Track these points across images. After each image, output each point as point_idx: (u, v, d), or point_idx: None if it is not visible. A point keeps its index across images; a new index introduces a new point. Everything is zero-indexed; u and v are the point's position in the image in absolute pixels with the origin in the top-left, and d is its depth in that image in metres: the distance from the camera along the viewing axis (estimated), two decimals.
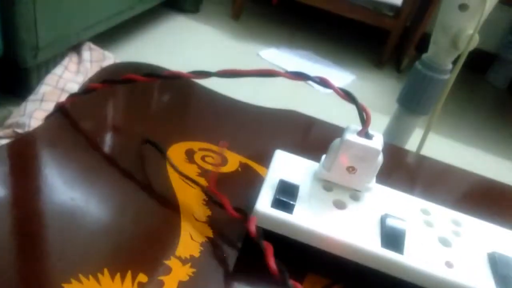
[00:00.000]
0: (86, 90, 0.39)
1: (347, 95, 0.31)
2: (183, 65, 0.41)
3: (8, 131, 1.09)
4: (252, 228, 0.29)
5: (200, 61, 1.63)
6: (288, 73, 0.31)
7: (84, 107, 0.41)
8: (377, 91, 1.81)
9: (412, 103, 0.85)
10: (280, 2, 2.03)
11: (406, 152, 0.53)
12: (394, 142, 0.88)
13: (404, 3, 1.77)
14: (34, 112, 1.10)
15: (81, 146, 0.37)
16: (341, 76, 1.83)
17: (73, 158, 0.36)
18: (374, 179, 0.34)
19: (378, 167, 0.33)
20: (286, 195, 0.32)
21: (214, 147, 0.40)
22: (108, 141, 0.39)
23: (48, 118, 0.39)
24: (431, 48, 0.81)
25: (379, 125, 1.06)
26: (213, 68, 0.35)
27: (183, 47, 1.73)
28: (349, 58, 1.99)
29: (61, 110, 0.40)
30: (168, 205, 0.33)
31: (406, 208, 0.34)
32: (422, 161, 0.51)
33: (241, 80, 0.39)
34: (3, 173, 0.33)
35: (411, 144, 0.89)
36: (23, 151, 0.36)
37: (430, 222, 0.33)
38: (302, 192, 0.33)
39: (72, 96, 0.40)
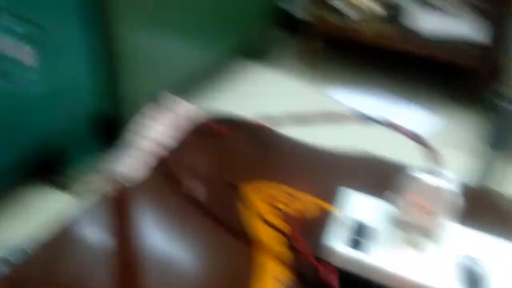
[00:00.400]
0: (182, 144, 0.43)
1: (415, 136, 0.31)
2: (258, 110, 0.44)
3: (103, 179, 1.20)
4: (335, 284, 0.30)
5: (272, 105, 1.68)
6: (355, 115, 0.32)
7: (175, 159, 0.45)
8: (463, 131, 1.71)
9: (502, 144, 0.80)
10: (354, 44, 2.04)
11: (496, 194, 0.50)
12: (486, 184, 0.83)
13: (489, 39, 1.69)
14: (125, 160, 1.20)
15: (177, 195, 0.41)
16: (422, 116, 1.77)
17: (169, 206, 0.40)
18: (451, 219, 0.33)
19: (455, 207, 0.32)
20: (360, 235, 0.32)
21: (286, 187, 0.42)
22: (198, 188, 0.42)
23: (146, 169, 0.44)
24: None
25: (468, 166, 1.00)
26: (287, 112, 0.38)
27: (258, 93, 1.80)
28: (429, 97, 1.92)
29: (159, 162, 0.44)
30: (252, 248, 0.36)
31: (488, 250, 0.32)
32: None
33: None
34: (106, 222, 0.37)
35: (504, 187, 0.82)
36: (125, 201, 0.40)
37: None
38: (376, 232, 0.33)
39: (170, 150, 0.45)
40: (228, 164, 0.46)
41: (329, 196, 0.41)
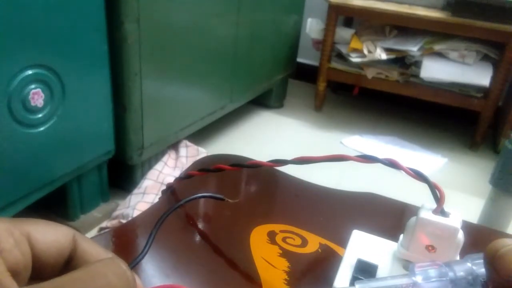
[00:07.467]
0: (186, 176, 0.45)
1: (418, 175, 0.32)
2: (270, 155, 0.46)
3: (115, 222, 1.21)
4: None
5: (286, 151, 1.70)
6: (358, 156, 0.34)
7: (183, 192, 0.47)
8: (473, 174, 1.71)
9: (506, 184, 0.80)
10: (362, 91, 2.09)
11: (503, 235, 0.50)
12: (492, 226, 0.82)
13: (492, 83, 1.73)
14: (137, 204, 1.21)
15: (179, 228, 0.42)
16: (432, 160, 1.77)
17: (171, 239, 0.40)
18: (457, 258, 0.33)
19: (460, 246, 0.33)
20: (364, 274, 0.32)
21: (294, 229, 0.42)
22: (200, 223, 0.43)
23: (154, 208, 0.45)
24: None
25: (476, 208, 1.00)
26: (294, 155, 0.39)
27: (270, 139, 1.83)
28: (440, 141, 1.94)
29: (164, 193, 0.46)
30: (252, 283, 0.36)
31: None
32: None
33: (326, 166, 0.42)
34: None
35: (507, 226, 0.82)
36: (127, 234, 0.41)
37: None
38: (381, 271, 0.33)
39: (174, 181, 0.46)
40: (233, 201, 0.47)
41: (335, 235, 0.41)
